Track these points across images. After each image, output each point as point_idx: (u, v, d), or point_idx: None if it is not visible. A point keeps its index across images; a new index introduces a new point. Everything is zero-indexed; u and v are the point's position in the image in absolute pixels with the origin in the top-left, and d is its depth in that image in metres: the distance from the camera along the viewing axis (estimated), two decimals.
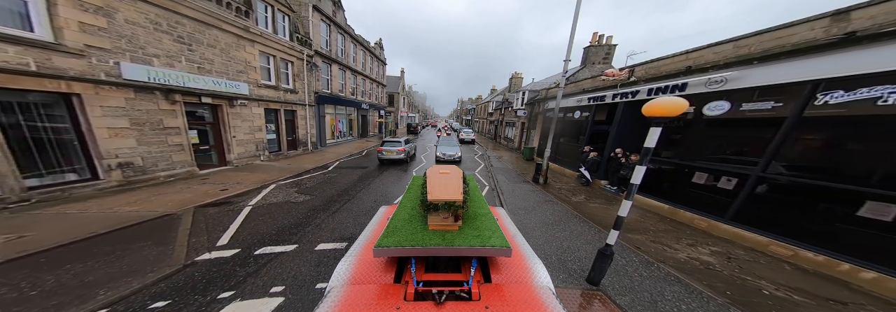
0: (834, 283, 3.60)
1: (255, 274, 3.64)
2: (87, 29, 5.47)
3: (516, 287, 1.32)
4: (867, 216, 3.46)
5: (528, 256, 1.62)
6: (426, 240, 1.37)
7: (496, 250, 1.33)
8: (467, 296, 1.22)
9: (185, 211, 5.60)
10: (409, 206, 1.83)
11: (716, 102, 5.28)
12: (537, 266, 1.53)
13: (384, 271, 1.43)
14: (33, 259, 3.68)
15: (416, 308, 1.15)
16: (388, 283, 1.35)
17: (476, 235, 1.43)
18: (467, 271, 1.45)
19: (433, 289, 1.23)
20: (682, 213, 5.85)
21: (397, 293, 1.24)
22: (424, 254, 1.33)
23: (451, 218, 1.48)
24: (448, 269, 1.55)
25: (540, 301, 1.22)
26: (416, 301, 1.19)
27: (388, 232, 1.46)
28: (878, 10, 3.40)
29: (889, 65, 3.25)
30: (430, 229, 1.49)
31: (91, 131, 5.68)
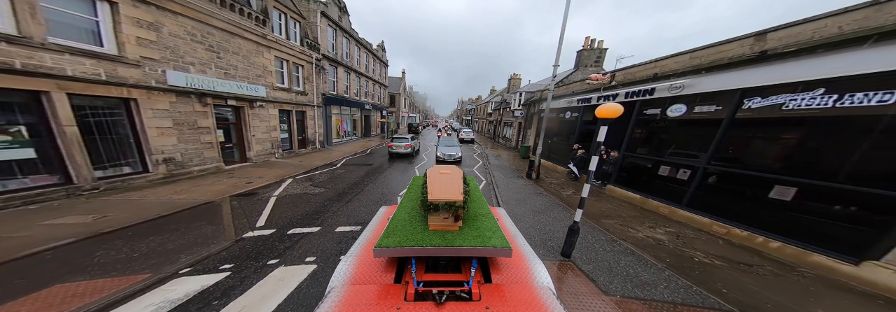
0: (750, 252, 4.62)
1: (292, 248, 4.62)
2: (142, 42, 6.52)
3: (516, 288, 1.33)
4: (775, 197, 4.48)
5: (528, 256, 1.63)
6: (426, 240, 1.39)
7: (496, 250, 1.35)
8: (468, 296, 1.23)
9: (223, 200, 6.63)
10: (409, 206, 1.85)
11: (676, 105, 6.32)
12: (538, 266, 1.53)
13: (384, 271, 1.44)
14: (122, 232, 4.70)
15: (417, 308, 1.16)
16: (388, 283, 1.36)
17: (476, 235, 1.45)
18: (467, 271, 1.46)
19: (433, 289, 1.24)
20: (650, 202, 6.87)
21: (398, 293, 1.25)
22: (425, 254, 1.34)
23: (452, 219, 1.51)
24: (448, 269, 1.56)
25: (540, 302, 1.23)
26: (416, 302, 1.20)
27: (388, 232, 1.48)
28: (784, 33, 4.43)
29: (788, 79, 4.28)
30: (430, 229, 1.51)
31: (144, 130, 6.73)
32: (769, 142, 4.89)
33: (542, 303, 1.22)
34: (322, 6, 15.24)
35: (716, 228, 5.32)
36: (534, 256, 1.64)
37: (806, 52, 4.03)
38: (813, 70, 3.99)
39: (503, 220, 2.29)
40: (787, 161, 4.58)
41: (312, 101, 14.53)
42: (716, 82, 5.42)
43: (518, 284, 1.38)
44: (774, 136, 4.80)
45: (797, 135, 4.53)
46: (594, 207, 7.07)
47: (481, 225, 1.56)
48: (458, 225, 1.52)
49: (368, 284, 1.35)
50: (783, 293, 3.55)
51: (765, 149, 4.93)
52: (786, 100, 4.35)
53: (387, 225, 1.62)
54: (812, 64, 4.01)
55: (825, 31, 3.95)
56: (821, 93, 3.95)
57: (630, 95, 7.73)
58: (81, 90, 5.53)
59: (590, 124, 10.78)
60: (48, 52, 5.04)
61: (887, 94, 3.38)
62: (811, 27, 4.12)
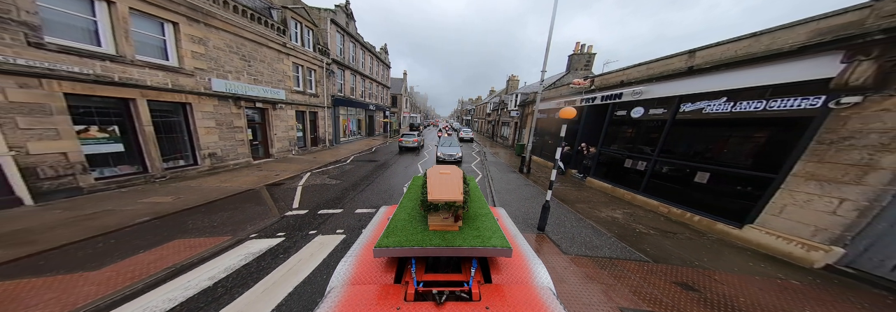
0: (680, 225, 6.11)
1: (324, 223, 6.07)
2: (195, 55, 8.02)
3: (517, 288, 1.36)
4: (697, 181, 5.98)
5: (528, 256, 1.65)
6: (426, 241, 1.41)
7: (497, 250, 1.38)
8: (468, 297, 1.26)
9: (261, 188, 8.10)
10: (409, 206, 1.88)
11: (636, 107, 7.82)
12: (538, 266, 1.56)
13: (384, 271, 1.47)
14: (197, 209, 6.16)
15: (417, 308, 1.18)
16: (388, 283, 1.38)
17: (476, 235, 1.48)
18: (467, 271, 1.49)
19: (433, 290, 1.27)
20: (618, 190, 8.37)
21: (397, 293, 1.28)
22: (425, 255, 1.37)
23: (452, 219, 1.54)
24: (448, 269, 1.59)
25: (540, 302, 1.25)
26: (416, 302, 1.22)
27: (388, 232, 1.50)
28: (705, 52, 5.93)
29: (706, 89, 5.78)
30: (430, 229, 1.54)
31: (195, 129, 8.23)
32: (696, 138, 6.39)
33: (542, 303, 1.24)
34: (331, 14, 16.76)
35: (661, 208, 6.83)
36: (534, 256, 1.67)
37: (714, 69, 5.55)
38: (719, 83, 5.51)
39: (503, 220, 2.34)
40: (705, 152, 6.09)
41: (323, 103, 16.03)
42: (663, 89, 6.92)
43: (518, 284, 1.40)
44: (699, 134, 6.30)
45: (711, 133, 6.04)
46: (572, 195, 8.57)
47: (481, 225, 1.60)
48: (458, 225, 1.56)
49: (368, 284, 1.37)
50: (688, 250, 5.02)
51: (693, 143, 6.44)
52: (705, 106, 5.85)
53: (387, 225, 1.65)
54: (719, 78, 5.52)
55: (726, 54, 5.47)
56: (724, 100, 5.46)
57: (604, 98, 9.25)
58: (156, 96, 7.04)
59: (574, 124, 12.28)
60: (135, 67, 6.55)
61: (759, 103, 4.87)
62: (719, 49, 5.64)
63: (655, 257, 4.73)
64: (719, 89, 5.54)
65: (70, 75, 5.45)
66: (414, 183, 2.45)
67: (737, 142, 5.54)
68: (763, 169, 4.86)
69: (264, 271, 3.96)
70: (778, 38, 4.63)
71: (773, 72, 4.61)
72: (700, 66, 5.86)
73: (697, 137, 6.38)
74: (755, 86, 4.89)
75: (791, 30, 4.48)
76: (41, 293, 3.16)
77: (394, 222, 1.64)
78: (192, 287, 3.49)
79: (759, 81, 4.83)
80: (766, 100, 4.75)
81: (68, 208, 5.33)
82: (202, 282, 3.60)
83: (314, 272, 3.98)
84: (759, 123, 5.04)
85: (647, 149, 7.58)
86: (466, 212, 1.70)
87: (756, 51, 4.88)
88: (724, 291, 3.69)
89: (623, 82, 8.36)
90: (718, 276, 4.06)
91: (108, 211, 5.41)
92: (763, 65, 4.74)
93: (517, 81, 27.50)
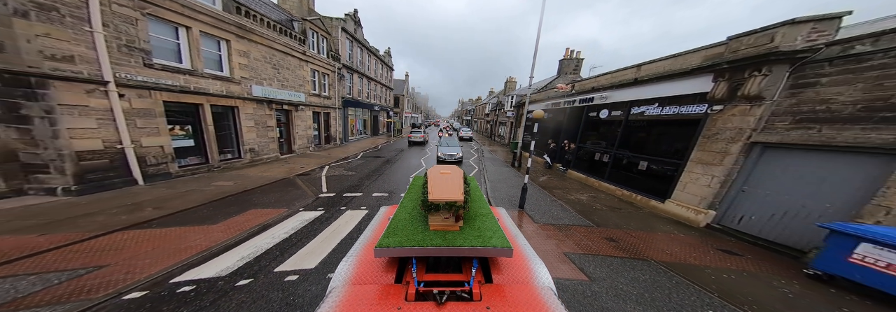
0: (626, 203, 8.06)
1: (350, 202, 8.01)
2: (241, 66, 10.00)
3: (517, 288, 1.39)
4: (640, 169, 7.94)
5: (529, 256, 1.70)
6: (427, 240, 1.45)
7: (497, 250, 1.41)
8: (468, 297, 1.28)
9: (293, 177, 10.05)
10: (409, 206, 1.95)
11: (603, 110, 9.79)
12: (538, 266, 1.60)
13: (385, 271, 1.51)
14: (253, 191, 8.11)
15: (417, 308, 1.21)
16: (388, 283, 1.41)
17: (477, 235, 1.52)
18: (468, 271, 1.52)
19: (434, 289, 1.29)
20: (590, 180, 10.33)
21: (398, 293, 1.31)
22: (425, 254, 1.41)
23: (452, 219, 1.58)
24: (449, 269, 1.63)
25: (541, 302, 1.28)
26: (417, 302, 1.25)
27: (388, 232, 1.55)
28: (646, 67, 7.88)
29: (645, 96, 7.73)
30: (430, 229, 1.58)
31: (240, 128, 10.22)
32: (640, 135, 8.36)
33: (542, 303, 1.27)
34: (342, 22, 18.74)
35: (618, 193, 8.80)
36: (535, 256, 1.71)
37: (650, 81, 7.51)
38: (653, 92, 7.47)
39: (503, 220, 2.39)
40: (644, 146, 8.05)
41: (334, 104, 18.00)
42: (620, 95, 8.89)
43: (519, 284, 1.44)
44: (642, 132, 8.27)
45: (649, 131, 8.00)
46: (553, 184, 10.53)
47: (482, 225, 1.64)
48: (459, 225, 1.60)
49: (369, 284, 1.40)
50: (625, 219, 6.95)
51: (638, 139, 8.40)
52: (646, 110, 7.81)
53: (387, 225, 1.69)
54: (653, 88, 7.49)
55: (657, 69, 7.43)
56: (656, 105, 7.42)
57: (581, 102, 11.22)
58: (215, 102, 9.03)
59: (558, 123, 14.24)
60: (203, 78, 8.53)
61: (675, 108, 6.83)
62: (654, 65, 7.61)
63: (599, 224, 6.66)
64: (653, 97, 7.51)
65: (166, 87, 7.44)
66: (414, 184, 2.53)
67: (663, 137, 7.51)
68: (676, 158, 6.83)
69: (317, 231, 5.82)
70: (686, 60, 6.60)
71: (681, 86, 6.58)
72: (642, 78, 7.83)
73: (641, 134, 8.35)
74: (671, 95, 6.86)
75: (693, 54, 6.44)
76: (193, 235, 5.08)
77: (394, 222, 1.68)
78: (277, 237, 5.39)
79: (673, 92, 6.80)
80: (679, 106, 6.71)
81: (168, 187, 7.31)
82: (281, 235, 5.51)
83: (350, 232, 5.75)
84: (675, 123, 7.00)
85: (607, 143, 9.54)
86: (467, 212, 1.75)
87: (673, 69, 6.85)
88: (633, 242, 5.60)
89: (594, 88, 10.33)
90: (634, 234, 5.99)
91: (194, 190, 7.38)
92: (675, 80, 6.71)
93: (515, 83, 29.46)
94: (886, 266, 3.26)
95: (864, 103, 3.94)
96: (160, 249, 4.44)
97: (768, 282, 4.08)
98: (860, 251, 3.43)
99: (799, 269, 4.40)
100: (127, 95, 6.62)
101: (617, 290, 3.79)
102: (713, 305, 3.53)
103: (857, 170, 4.15)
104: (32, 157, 5.49)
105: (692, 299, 3.65)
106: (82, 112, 5.83)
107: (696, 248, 5.25)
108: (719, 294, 3.73)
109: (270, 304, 3.25)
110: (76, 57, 5.62)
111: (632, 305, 3.47)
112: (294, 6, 16.79)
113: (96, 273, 3.67)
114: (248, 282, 3.68)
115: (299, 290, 3.56)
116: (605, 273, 4.27)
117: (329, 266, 4.25)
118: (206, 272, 3.89)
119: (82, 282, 3.45)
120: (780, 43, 4.58)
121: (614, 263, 4.63)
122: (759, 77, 4.85)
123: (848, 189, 4.25)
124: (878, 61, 3.80)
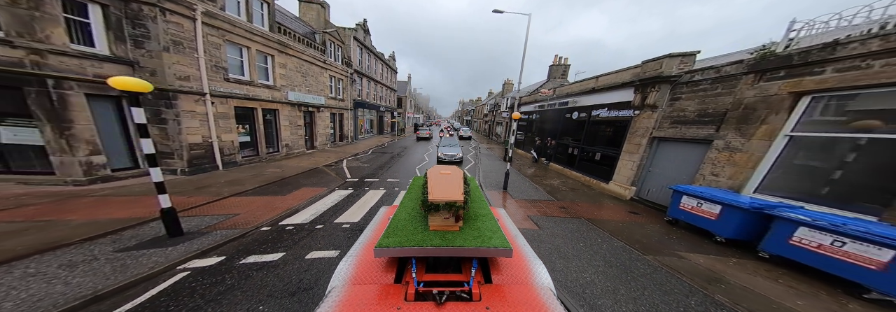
0: (585, 186, 10.75)
1: (371, 185, 10.67)
2: (281, 76, 12.70)
3: (517, 288, 1.44)
4: (595, 158, 10.60)
5: (528, 257, 1.75)
6: (427, 241, 1.49)
7: (497, 250, 1.45)
8: (468, 297, 1.32)
9: (321, 167, 12.76)
10: (409, 207, 2.00)
11: (574, 112, 12.45)
12: (538, 266, 1.65)
13: (385, 271, 1.55)
14: (297, 176, 10.82)
15: (417, 308, 1.25)
16: (388, 283, 1.46)
17: (477, 235, 1.56)
18: (468, 271, 1.56)
19: (434, 290, 1.33)
20: (565, 170, 12.99)
21: (398, 293, 1.35)
22: (425, 255, 1.45)
23: (452, 219, 1.62)
24: (448, 270, 1.67)
25: (541, 302, 1.32)
26: (416, 302, 1.29)
27: (388, 232, 1.59)
28: (604, 78, 10.54)
29: (600, 102, 10.40)
30: (430, 229, 1.62)
31: (279, 127, 12.92)
32: (597, 132, 11.03)
33: (542, 303, 1.31)
34: (353, 32, 21.47)
35: (582, 178, 11.46)
36: (534, 256, 1.77)
37: (602, 90, 10.17)
38: (604, 99, 10.13)
39: (503, 220, 2.46)
40: (600, 141, 10.71)
41: (347, 106, 20.71)
42: (586, 100, 11.56)
43: (518, 284, 1.48)
44: (598, 130, 10.93)
45: (603, 129, 10.64)
46: (535, 173, 13.22)
47: (482, 226, 1.68)
48: (459, 226, 1.64)
49: (369, 284, 1.44)
50: (578, 196, 9.61)
51: (596, 136, 11.07)
52: (600, 112, 10.47)
53: (387, 225, 1.74)
54: (604, 96, 10.14)
55: (607, 81, 10.08)
56: (606, 109, 10.08)
57: (559, 105, 13.89)
58: (265, 106, 11.75)
59: (542, 123, 16.92)
60: (257, 87, 11.25)
61: (617, 112, 9.48)
62: (605, 78, 10.28)
63: (559, 199, 9.30)
64: (605, 102, 10.19)
65: (235, 95, 10.16)
66: (414, 184, 2.63)
67: (610, 134, 10.17)
68: (616, 149, 9.49)
69: (351, 202, 8.38)
70: (622, 75, 9.28)
71: (619, 95, 9.27)
72: (598, 87, 10.51)
73: (598, 132, 11.03)
74: (615, 102, 9.53)
75: (626, 72, 9.13)
76: (275, 201, 7.73)
77: (394, 222, 1.72)
78: (326, 205, 7.97)
79: (615, 100, 9.48)
80: (619, 110, 9.38)
81: (239, 172, 10.02)
82: (329, 203, 8.11)
83: (375, 204, 8.27)
84: (617, 123, 9.68)
85: (573, 139, 12.21)
86: (467, 212, 1.80)
87: (615, 82, 9.52)
88: (577, 209, 8.21)
89: (568, 94, 13.01)
90: (580, 204, 8.62)
91: (257, 174, 10.07)
92: (616, 91, 9.39)
93: (512, 85, 32.14)
94: (692, 208, 5.85)
95: (697, 112, 6.60)
96: (262, 208, 7.08)
97: (642, 227, 6.68)
98: (684, 201, 6.04)
99: (663, 218, 7.03)
100: (214, 102, 9.32)
101: (553, 233, 6.35)
102: (603, 237, 6.12)
103: (695, 154, 6.80)
104: (165, 147, 8.21)
105: (594, 235, 6.24)
106: (192, 115, 8.55)
107: (615, 212, 7.90)
108: (611, 233, 6.27)
109: (337, 238, 5.72)
110: (191, 76, 8.34)
111: (560, 240, 6.03)
112: (313, 19, 19.50)
113: (236, 217, 6.29)
114: (321, 227, 6.24)
115: (350, 232, 6.01)
116: (550, 225, 6.86)
117: (366, 220, 6.67)
118: (295, 220, 6.49)
119: (236, 220, 6.08)
120: (664, 69, 7.25)
121: (559, 220, 7.23)
122: (656, 92, 7.51)
123: (691, 166, 6.90)
124: (702, 86, 6.44)
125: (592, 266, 4.64)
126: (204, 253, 4.58)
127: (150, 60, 7.46)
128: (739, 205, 4.87)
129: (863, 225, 3.70)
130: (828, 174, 4.77)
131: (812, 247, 4.01)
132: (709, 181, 6.31)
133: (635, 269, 4.58)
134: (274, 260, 4.52)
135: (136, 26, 7.13)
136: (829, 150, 4.75)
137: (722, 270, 4.53)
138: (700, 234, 5.96)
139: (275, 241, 5.27)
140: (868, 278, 3.56)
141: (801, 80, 4.77)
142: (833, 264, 3.86)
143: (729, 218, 5.09)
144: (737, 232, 5.03)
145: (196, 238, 4.99)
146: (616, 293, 3.91)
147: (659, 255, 5.06)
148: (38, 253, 4.04)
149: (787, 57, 4.92)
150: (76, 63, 6.19)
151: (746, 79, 5.55)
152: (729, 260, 4.87)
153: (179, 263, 4.22)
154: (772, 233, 4.50)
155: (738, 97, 5.70)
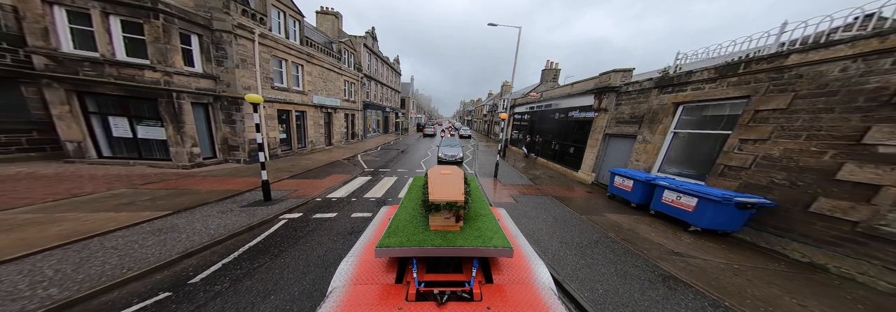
0: (560, 174, 13.40)
1: (385, 173, 13.37)
2: (309, 82, 15.40)
3: (518, 288, 1.47)
4: (571, 152, 13.24)
5: (529, 256, 1.79)
6: (428, 241, 1.52)
7: (498, 250, 1.49)
8: (469, 297, 1.35)
9: (342, 160, 15.49)
10: (410, 207, 2.05)
11: (556, 113, 15.07)
12: (539, 266, 1.70)
13: (386, 271, 1.59)
14: (325, 166, 13.56)
15: (418, 308, 1.27)
16: (389, 283, 1.49)
17: (477, 235, 1.60)
18: (469, 271, 1.59)
19: (435, 290, 1.36)
20: (549, 163, 15.62)
21: (399, 293, 1.38)
22: (426, 255, 1.48)
23: (453, 219, 1.66)
24: (449, 269, 1.70)
25: (541, 302, 1.35)
26: (417, 302, 1.31)
27: (389, 232, 1.62)
28: (578, 85, 13.14)
29: (574, 104, 13.01)
30: (431, 229, 1.66)
31: (306, 127, 15.65)
32: (573, 130, 13.65)
33: (543, 303, 1.34)
34: (363, 39, 24.16)
35: (560, 169, 14.08)
36: (535, 256, 1.81)
37: (576, 95, 12.78)
38: (577, 102, 12.76)
39: (504, 220, 2.53)
40: (573, 137, 13.33)
41: (358, 107, 23.42)
42: (564, 103, 14.19)
43: (519, 284, 1.51)
44: (572, 128, 13.56)
45: (576, 128, 13.24)
46: (524, 166, 15.86)
47: (482, 225, 1.73)
48: (460, 226, 1.68)
49: (370, 284, 1.47)
50: (552, 182, 12.25)
51: (571, 133, 13.70)
52: (574, 114, 13.10)
53: (388, 225, 1.78)
54: (577, 99, 12.77)
55: (579, 87, 12.70)
56: (578, 110, 12.70)
57: (545, 106, 16.53)
58: (297, 108, 14.48)
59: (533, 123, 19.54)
60: (291, 93, 13.95)
61: (585, 113, 12.10)
62: (578, 84, 12.88)
63: (537, 184, 11.97)
64: (577, 105, 12.81)
65: (277, 100, 12.87)
66: (415, 184, 2.70)
67: (581, 132, 12.81)
68: (582, 143, 12.13)
69: (373, 185, 11.05)
70: (588, 84, 11.90)
71: (585, 100, 11.90)
72: (573, 93, 13.14)
73: (572, 129, 13.67)
74: (583, 105, 12.16)
75: (591, 80, 11.77)
76: (318, 182, 10.44)
77: (395, 222, 1.76)
78: (356, 185, 10.67)
79: (583, 103, 12.11)
80: (586, 112, 12.00)
81: (281, 162, 12.75)
82: (357, 185, 10.79)
83: (391, 186, 11.01)
84: (585, 122, 12.29)
85: (553, 136, 14.87)
86: (467, 212, 1.84)
87: (584, 88, 12.12)
88: (549, 190, 10.81)
89: (552, 97, 15.65)
90: (552, 187, 11.24)
91: (295, 164, 12.79)
92: (584, 96, 12.02)
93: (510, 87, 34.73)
94: (620, 185, 8.45)
95: (630, 114, 9.22)
96: (309, 187, 9.74)
97: (590, 201, 9.25)
98: (616, 180, 8.64)
99: (606, 194, 9.62)
100: (265, 107, 12.02)
101: (526, 204, 8.92)
102: (558, 206, 8.71)
103: (628, 145, 9.43)
104: (234, 142, 10.98)
105: (553, 205, 8.81)
106: (250, 117, 11.25)
107: (576, 192, 10.54)
108: (565, 204, 8.89)
109: (368, 205, 8.29)
110: (251, 86, 11.05)
111: (528, 208, 8.56)
112: (328, 28, 22.22)
113: (295, 192, 8.94)
114: (355, 199, 8.90)
115: (376, 202, 8.59)
116: (525, 200, 9.45)
117: (387, 197, 9.37)
118: (336, 195, 9.15)
119: (297, 194, 8.75)
120: (612, 81, 9.88)
121: (532, 197, 9.81)
122: (607, 98, 10.13)
123: (627, 154, 9.53)
124: (633, 95, 9.08)
125: (544, 222, 7.26)
126: (289, 211, 7.26)
127: (226, 75, 10.20)
128: (640, 179, 7.50)
129: (690, 186, 6.29)
130: (690, 156, 7.40)
131: (668, 202, 6.64)
132: (634, 165, 8.95)
133: (570, 222, 7.20)
134: (332, 216, 7.18)
135: (218, 49, 9.88)
136: (691, 141, 7.38)
137: (624, 223, 7.16)
138: (624, 203, 8.61)
139: (328, 206, 7.93)
140: (688, 216, 6.18)
141: (678, 94, 7.38)
142: (676, 211, 6.47)
143: (636, 189, 7.73)
144: (641, 198, 7.67)
145: (280, 202, 7.68)
146: (552, 234, 6.52)
147: (590, 215, 7.72)
148: (200, 206, 6.77)
149: (671, 78, 7.52)
150: (186, 80, 8.93)
151: (654, 92, 8.17)
152: (631, 216, 7.51)
153: (280, 215, 6.91)
154: (655, 197, 7.13)
155: (649, 104, 8.33)
